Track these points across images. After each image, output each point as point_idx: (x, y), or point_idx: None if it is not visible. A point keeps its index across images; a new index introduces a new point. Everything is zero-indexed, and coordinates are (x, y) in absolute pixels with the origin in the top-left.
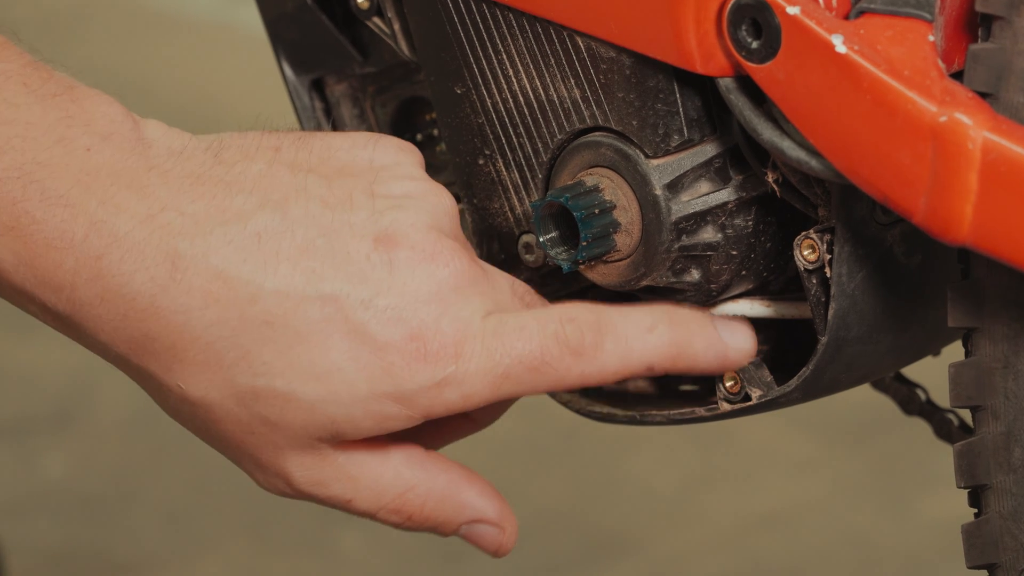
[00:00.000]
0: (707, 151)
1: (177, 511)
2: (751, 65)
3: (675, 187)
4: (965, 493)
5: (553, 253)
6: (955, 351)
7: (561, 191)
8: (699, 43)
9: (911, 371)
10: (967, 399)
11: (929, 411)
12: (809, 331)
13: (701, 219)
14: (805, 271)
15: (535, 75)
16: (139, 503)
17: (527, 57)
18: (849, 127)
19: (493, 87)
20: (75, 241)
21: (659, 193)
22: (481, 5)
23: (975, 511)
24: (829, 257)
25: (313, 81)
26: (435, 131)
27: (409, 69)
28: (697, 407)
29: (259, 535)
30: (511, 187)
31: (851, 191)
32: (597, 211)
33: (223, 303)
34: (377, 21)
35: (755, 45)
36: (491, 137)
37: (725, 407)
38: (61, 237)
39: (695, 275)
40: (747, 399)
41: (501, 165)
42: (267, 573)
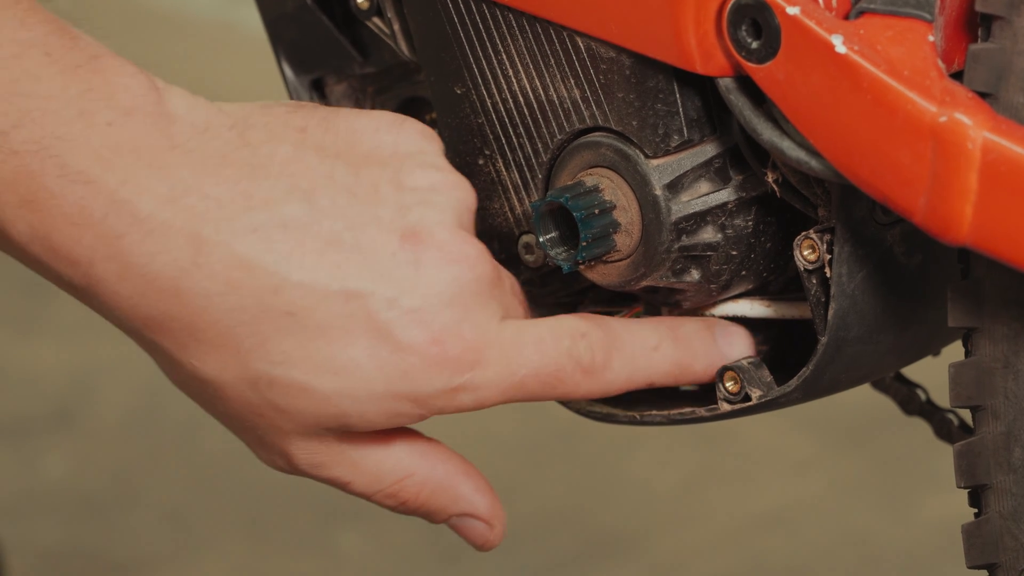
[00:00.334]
0: (707, 151)
1: (177, 511)
2: (751, 65)
3: (675, 187)
4: (965, 493)
5: (553, 253)
6: (955, 351)
7: (561, 191)
8: (699, 43)
9: (911, 371)
10: (967, 399)
11: (929, 411)
12: (809, 331)
13: (701, 219)
14: (805, 271)
15: (535, 75)
16: (139, 503)
17: (527, 57)
18: (849, 127)
19: (493, 87)
20: (94, 219)
21: (659, 193)
22: (481, 5)
23: (975, 511)
24: (829, 257)
25: (313, 81)
26: (435, 131)
27: (409, 69)
28: (697, 407)
29: (259, 535)
30: (511, 187)
31: (851, 191)
32: (597, 211)
33: (245, 291)
34: (377, 21)
35: (755, 45)
36: (491, 137)
37: (725, 407)
38: (80, 213)
39: (695, 275)
40: (747, 399)
41: (501, 165)
42: (267, 573)
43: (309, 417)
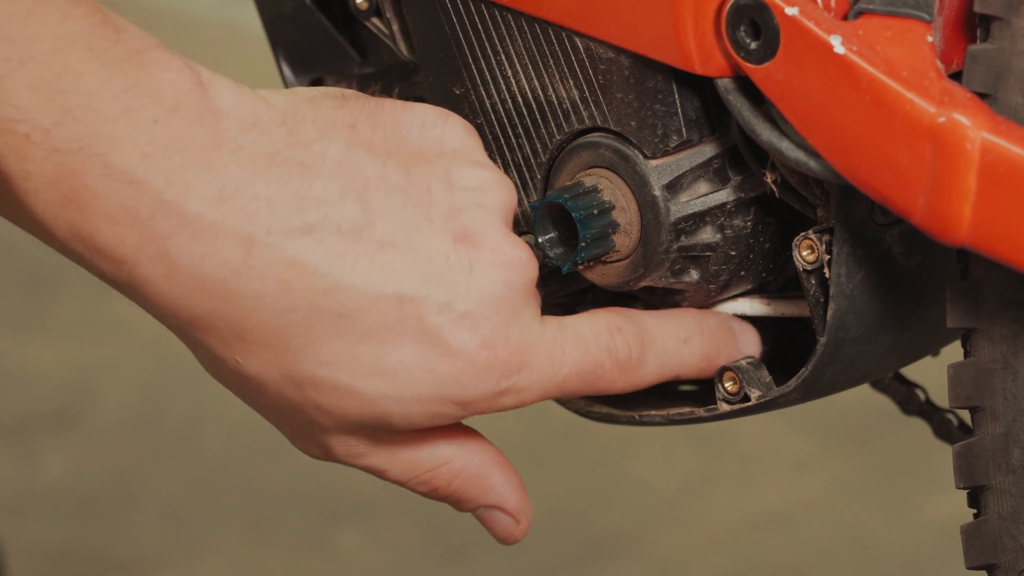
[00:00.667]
0: (706, 152)
1: (177, 511)
2: (750, 66)
3: (674, 188)
4: (964, 494)
5: (552, 254)
6: (954, 351)
7: (560, 192)
8: (698, 44)
9: (911, 371)
10: (966, 400)
11: (928, 411)
12: (808, 331)
13: (700, 220)
14: (804, 272)
15: (534, 76)
16: (139, 503)
17: (526, 58)
18: (848, 128)
19: (492, 88)
20: (140, 218)
21: (658, 194)
22: (480, 5)
23: (974, 512)
24: (828, 258)
25: (312, 81)
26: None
27: (408, 69)
28: (696, 408)
29: (259, 535)
30: None
31: (850, 192)
32: (596, 212)
33: (296, 292)
34: (376, 22)
35: (754, 46)
36: (490, 137)
37: (724, 408)
38: (125, 213)
39: (694, 275)
40: (746, 400)
41: (500, 165)
42: (267, 573)
43: (351, 416)
